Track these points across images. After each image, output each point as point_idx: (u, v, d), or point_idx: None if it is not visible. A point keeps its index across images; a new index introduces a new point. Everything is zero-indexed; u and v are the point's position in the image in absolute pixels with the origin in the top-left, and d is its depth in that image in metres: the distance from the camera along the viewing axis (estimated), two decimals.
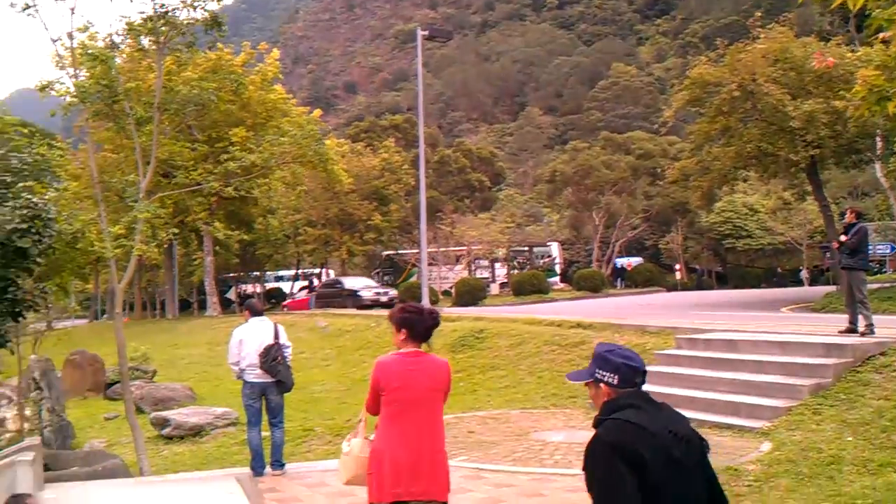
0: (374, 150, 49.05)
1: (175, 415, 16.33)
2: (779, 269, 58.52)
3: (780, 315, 23.51)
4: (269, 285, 59.71)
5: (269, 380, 9.85)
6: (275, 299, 52.53)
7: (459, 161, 57.61)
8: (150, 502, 8.90)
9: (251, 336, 9.95)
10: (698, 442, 3.60)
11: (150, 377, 22.01)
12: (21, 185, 10.43)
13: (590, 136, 77.36)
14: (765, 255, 58.18)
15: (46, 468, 10.37)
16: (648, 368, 12.14)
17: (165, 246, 41.76)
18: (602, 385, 3.64)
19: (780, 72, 26.30)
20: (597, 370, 3.68)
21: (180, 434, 15.68)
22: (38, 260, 10.54)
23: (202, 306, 52.71)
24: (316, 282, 55.69)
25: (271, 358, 9.77)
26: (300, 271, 57.53)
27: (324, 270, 55.19)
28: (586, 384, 3.77)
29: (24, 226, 9.82)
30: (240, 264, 54.68)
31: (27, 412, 15.56)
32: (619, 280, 53.55)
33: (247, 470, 10.07)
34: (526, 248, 53.21)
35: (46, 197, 10.65)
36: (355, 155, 46.85)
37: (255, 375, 9.86)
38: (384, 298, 37.77)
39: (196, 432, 15.62)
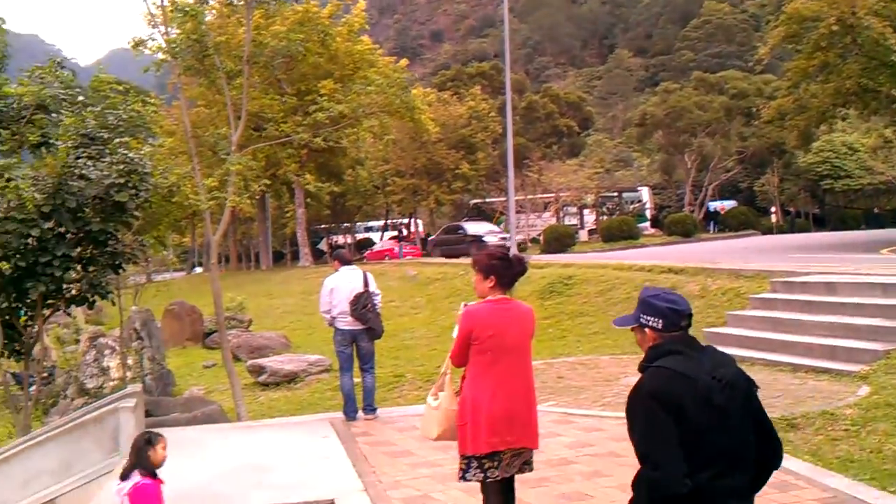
0: (461, 99, 48.85)
1: (270, 362, 16.74)
2: (877, 210, 56.55)
3: (880, 257, 22.71)
4: (360, 236, 60.41)
5: (360, 327, 10.02)
6: (365, 249, 53.17)
7: (547, 107, 56.95)
8: (248, 446, 9.19)
9: (342, 284, 10.11)
10: (744, 385, 3.57)
11: (246, 326, 22.61)
12: (117, 140, 10.74)
13: (681, 76, 75.39)
14: (864, 195, 56.20)
15: (148, 414, 10.80)
16: (742, 313, 11.94)
17: (258, 198, 42.57)
18: (647, 330, 3.66)
19: (882, 4, 25.09)
20: (641, 315, 3.69)
21: (276, 381, 16.09)
22: (136, 214, 10.88)
23: (295, 257, 53.73)
24: (404, 231, 56.14)
25: (361, 305, 9.93)
26: (389, 221, 58.05)
27: (412, 220, 55.51)
28: (632, 329, 3.78)
29: (122, 180, 10.12)
30: (330, 216, 55.42)
31: (129, 361, 16.18)
32: (711, 224, 52.40)
33: (340, 415, 10.29)
34: (615, 194, 52.41)
35: (142, 152, 10.94)
36: (442, 104, 46.72)
37: (346, 323, 10.04)
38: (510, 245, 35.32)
39: (290, 379, 16.01)
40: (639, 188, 54.78)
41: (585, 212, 50.68)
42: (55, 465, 8.76)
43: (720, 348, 3.82)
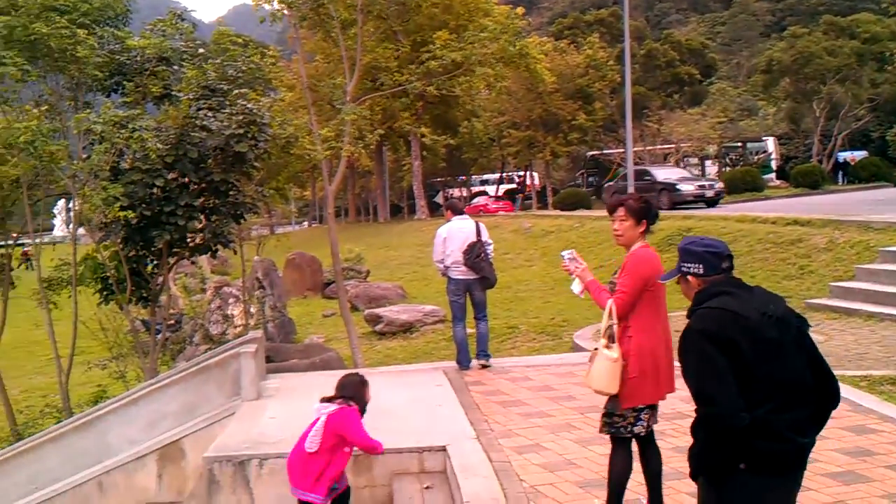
0: (578, 48, 47.88)
1: (387, 312, 16.99)
2: None
3: None
4: (475, 189, 60.43)
5: (473, 276, 10.02)
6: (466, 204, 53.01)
7: (668, 54, 55.20)
8: None
9: (455, 234, 10.11)
10: (794, 321, 3.59)
11: (364, 277, 22.99)
12: (236, 92, 10.94)
13: (810, 21, 71.76)
14: None
15: (268, 360, 11.10)
16: (872, 266, 11.43)
17: (375, 152, 43.05)
18: (690, 277, 3.78)
19: None
20: (682, 264, 3.80)
21: (392, 330, 16.34)
22: (256, 164, 11.09)
23: (411, 210, 54.22)
24: (519, 183, 55.79)
25: (475, 255, 9.92)
26: (504, 174, 57.82)
27: (528, 173, 55.11)
28: (677, 281, 3.87)
29: (241, 131, 10.31)
30: (446, 169, 55.58)
31: (252, 309, 16.66)
32: (841, 176, 50.10)
33: (454, 364, 10.35)
34: (739, 144, 50.62)
35: (260, 103, 11.12)
36: (558, 53, 45.94)
37: (460, 272, 10.05)
38: (710, 193, 31.32)
39: (406, 329, 16.22)
40: (764, 138, 52.68)
41: (707, 163, 49.22)
42: (179, 408, 9.08)
43: (847, 304, 3.72)
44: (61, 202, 13.99)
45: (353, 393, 6.21)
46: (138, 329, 12.65)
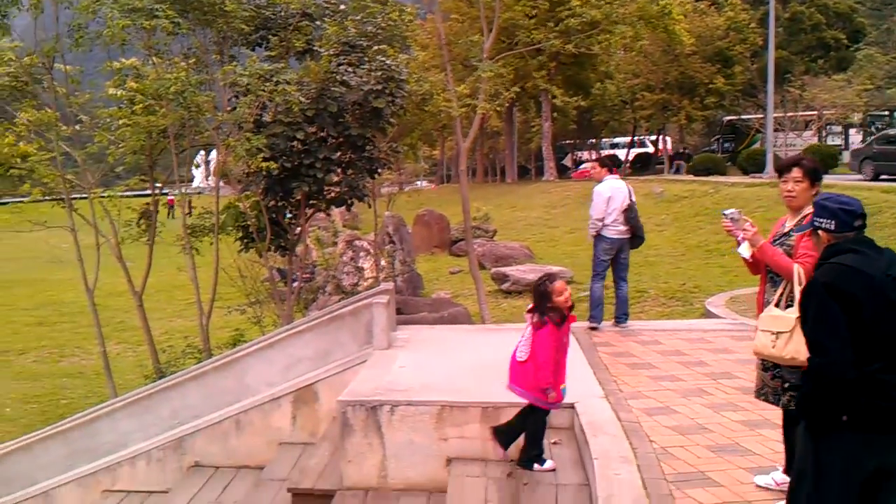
0: (719, 9, 46.29)
1: (513, 271, 17.07)
2: None
3: None
4: (605, 152, 59.59)
5: (627, 236, 10.04)
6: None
7: (813, 17, 52.79)
8: (491, 346, 9.42)
9: (617, 193, 10.09)
10: None
11: (491, 236, 23.10)
12: (375, 48, 11.11)
13: None
14: None
15: (399, 311, 11.34)
16: None
17: (505, 113, 42.91)
18: (821, 232, 3.87)
19: None
20: (815, 218, 3.90)
21: (518, 289, 16.42)
22: (391, 120, 11.28)
23: (539, 172, 53.94)
24: (650, 148, 54.73)
25: (634, 214, 9.97)
26: (636, 138, 56.76)
27: (660, 137, 53.95)
28: (808, 235, 4.01)
29: (379, 87, 10.50)
30: (576, 131, 54.98)
31: (382, 263, 17.01)
32: None
33: (582, 324, 10.34)
34: (886, 113, 48.18)
35: (397, 60, 11.27)
36: (698, 14, 44.52)
37: (617, 232, 10.06)
38: None
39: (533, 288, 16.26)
40: None
41: (851, 132, 47.06)
42: (313, 353, 9.39)
43: None
44: (201, 154, 14.54)
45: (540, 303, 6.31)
46: (274, 277, 13.11)
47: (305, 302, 15.63)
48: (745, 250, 5.20)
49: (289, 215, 11.70)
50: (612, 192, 10.12)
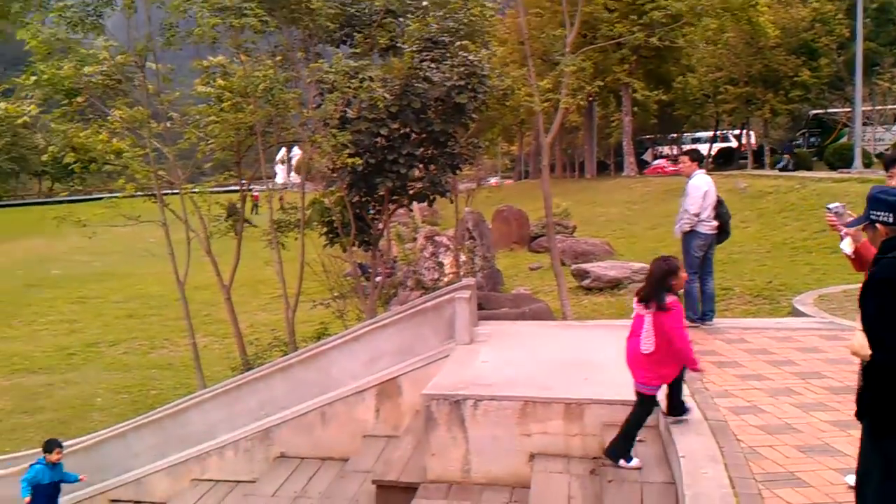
0: (804, 0, 45.16)
1: (594, 267, 16.95)
2: None
3: None
4: (686, 147, 58.58)
5: (715, 232, 9.90)
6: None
7: None
8: (574, 343, 9.41)
9: (711, 188, 9.96)
10: None
11: (571, 232, 22.97)
12: (458, 44, 11.16)
13: None
14: None
15: (480, 307, 11.36)
16: None
17: (587, 102, 42.56)
18: (878, 225, 3.75)
19: None
20: (871, 212, 3.78)
21: (598, 286, 16.30)
22: (473, 116, 11.31)
23: (618, 167, 53.37)
24: (734, 142, 53.70)
25: (725, 208, 9.84)
26: (718, 132, 55.73)
27: (743, 132, 52.87)
28: (863, 228, 3.87)
29: (462, 83, 10.55)
30: (657, 125, 54.24)
31: (462, 259, 17.06)
32: None
33: None
34: None
35: (479, 55, 11.29)
36: (783, 5, 43.46)
37: (710, 227, 9.92)
38: None
39: (614, 285, 16.14)
40: None
41: None
42: (397, 347, 9.50)
43: None
44: (282, 151, 14.78)
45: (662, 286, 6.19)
46: (357, 272, 13.28)
47: (386, 297, 15.79)
48: (847, 246, 4.94)
49: (372, 211, 11.83)
50: (708, 188, 9.97)
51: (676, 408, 6.54)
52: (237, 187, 12.80)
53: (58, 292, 25.35)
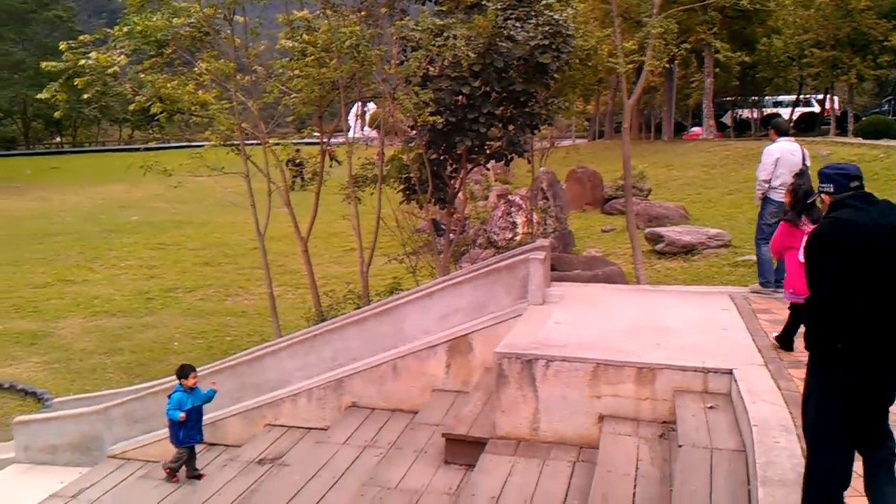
0: None
1: (668, 232, 16.81)
2: None
3: None
4: (767, 110, 57.16)
5: None
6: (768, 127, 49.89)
7: None
8: (647, 307, 9.40)
9: (787, 156, 9.81)
10: None
11: (646, 195, 22.71)
12: (543, 2, 11.07)
13: None
14: None
15: (553, 268, 11.40)
16: None
17: (667, 66, 41.74)
18: (823, 195, 4.58)
19: None
20: (820, 185, 4.63)
21: (672, 251, 16.17)
22: (555, 76, 11.24)
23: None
24: (816, 107, 52.26)
25: (804, 180, 9.64)
26: (801, 97, 54.25)
27: (827, 97, 51.36)
28: (819, 201, 4.77)
29: (546, 42, 10.49)
30: (738, 88, 52.97)
31: (535, 218, 17.06)
32: None
33: (740, 290, 10.15)
34: None
35: (564, 15, 11.19)
36: None
37: (783, 195, 9.79)
38: None
39: (688, 250, 16.00)
40: None
41: None
42: (469, 305, 9.61)
43: None
44: (356, 106, 14.87)
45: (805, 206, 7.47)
46: (431, 229, 13.39)
47: (456, 255, 15.91)
48: None
49: (449, 169, 11.89)
50: (781, 154, 9.82)
51: (789, 341, 7.44)
52: (317, 141, 12.96)
53: (137, 238, 25.99)
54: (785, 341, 7.53)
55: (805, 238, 6.39)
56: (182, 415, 8.89)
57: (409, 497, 6.96)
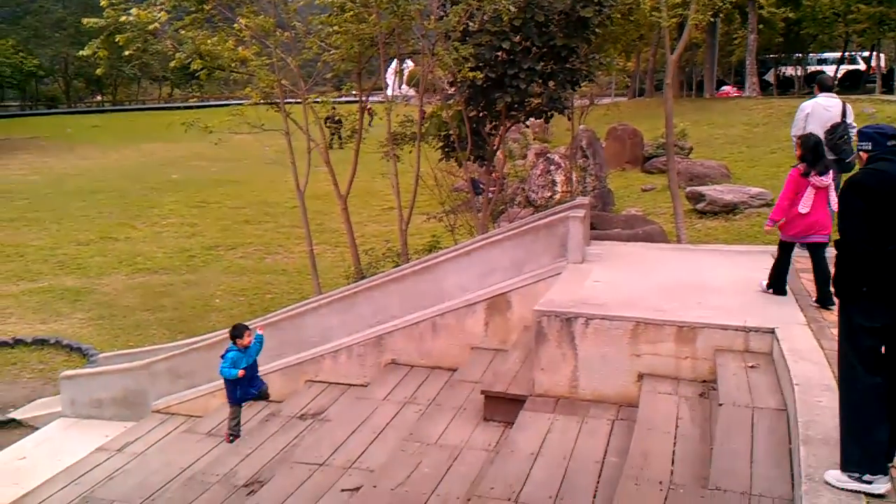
0: None
1: (710, 191, 16.62)
2: None
3: None
4: (811, 68, 56.01)
5: (831, 157, 9.57)
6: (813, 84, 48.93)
7: None
8: (688, 266, 9.32)
9: (818, 112, 9.63)
10: None
11: (687, 154, 22.43)
12: None
13: None
14: None
15: (592, 227, 11.33)
16: None
17: (711, 20, 41.03)
18: (861, 153, 4.81)
19: None
20: (859, 144, 4.87)
21: (713, 210, 16.00)
22: (597, 30, 11.07)
23: (738, 87, 51.54)
24: (862, 65, 51.17)
25: (837, 136, 9.45)
26: (846, 54, 53.09)
27: (873, 54, 50.18)
28: (857, 158, 4.97)
29: None
30: (781, 45, 51.93)
31: (573, 177, 16.94)
32: None
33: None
34: None
35: None
36: None
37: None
38: None
39: (729, 209, 15.82)
40: None
41: None
42: (508, 263, 9.59)
43: None
44: (394, 63, 14.78)
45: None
46: (469, 187, 13.35)
47: (495, 213, 15.87)
48: None
49: (488, 126, 11.81)
50: (812, 110, 9.64)
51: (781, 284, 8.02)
52: (355, 99, 12.92)
53: (178, 196, 26.25)
54: (777, 286, 8.07)
55: (809, 188, 7.55)
56: (241, 371, 8.93)
57: (448, 452, 7.01)
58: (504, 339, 9.27)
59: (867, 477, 4.36)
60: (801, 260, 9.51)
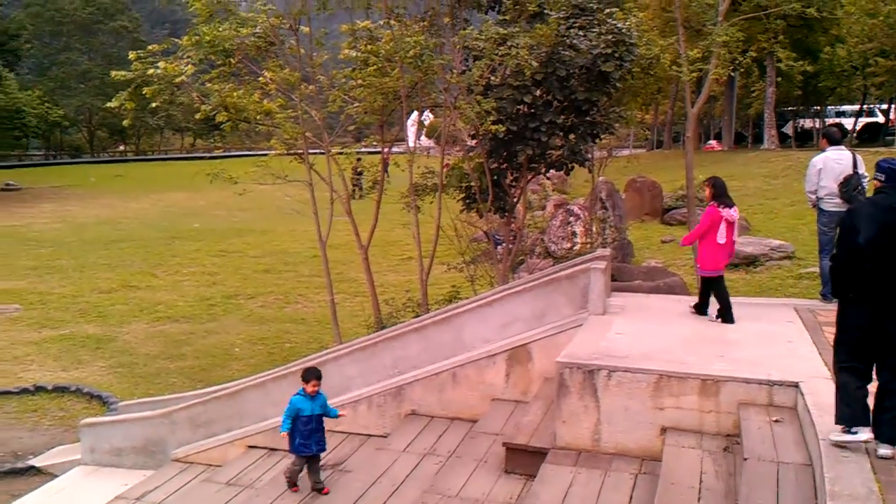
0: None
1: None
2: None
3: None
4: (829, 120, 56.13)
5: (842, 210, 9.58)
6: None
7: None
8: (709, 317, 9.29)
9: (830, 165, 9.68)
10: None
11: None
12: (605, 11, 11.04)
13: None
14: None
15: (613, 279, 11.33)
16: None
17: (731, 74, 41.21)
18: (875, 182, 5.64)
19: None
20: (875, 174, 5.66)
21: (734, 262, 15.72)
22: (617, 84, 11.19)
23: (757, 140, 51.70)
24: (881, 117, 51.24)
25: (851, 188, 9.45)
26: (865, 106, 53.20)
27: (892, 107, 50.29)
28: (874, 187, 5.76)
29: (609, 51, 10.45)
30: (800, 97, 52.14)
31: (593, 228, 16.97)
32: None
33: (804, 302, 10.00)
34: None
35: (627, 23, 11.15)
36: None
37: (833, 205, 9.65)
38: None
39: (750, 262, 15.79)
40: None
41: None
42: (529, 314, 9.58)
43: None
44: (414, 114, 14.94)
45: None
46: (489, 239, 13.39)
47: (513, 264, 15.88)
48: None
49: (509, 178, 11.89)
50: (824, 164, 9.70)
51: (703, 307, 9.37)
52: (376, 150, 13.05)
53: (199, 245, 26.45)
54: (700, 308, 9.42)
55: (723, 223, 9.12)
56: (284, 433, 8.45)
57: None
58: (525, 391, 9.23)
59: (854, 430, 5.43)
60: (822, 313, 9.51)
